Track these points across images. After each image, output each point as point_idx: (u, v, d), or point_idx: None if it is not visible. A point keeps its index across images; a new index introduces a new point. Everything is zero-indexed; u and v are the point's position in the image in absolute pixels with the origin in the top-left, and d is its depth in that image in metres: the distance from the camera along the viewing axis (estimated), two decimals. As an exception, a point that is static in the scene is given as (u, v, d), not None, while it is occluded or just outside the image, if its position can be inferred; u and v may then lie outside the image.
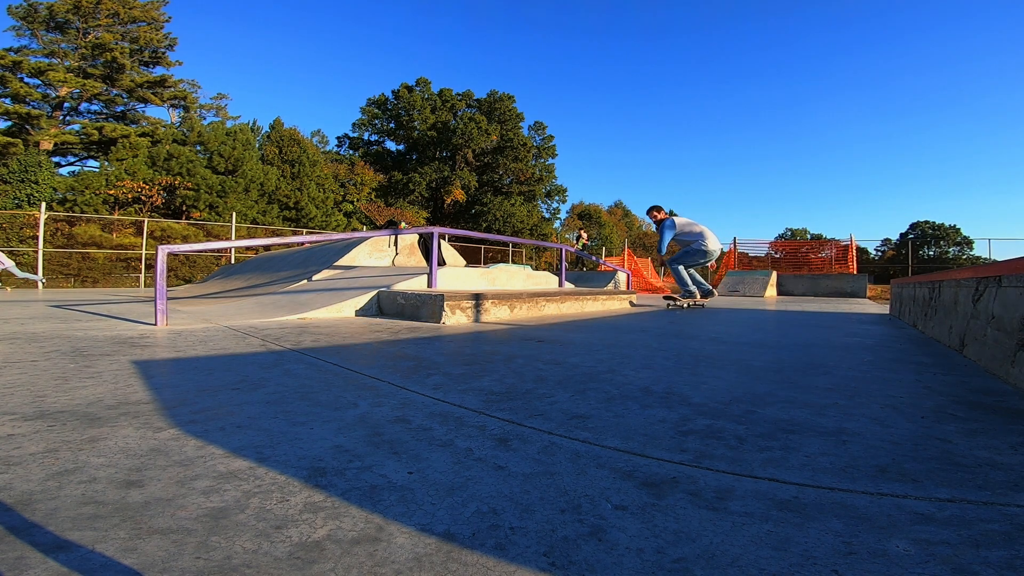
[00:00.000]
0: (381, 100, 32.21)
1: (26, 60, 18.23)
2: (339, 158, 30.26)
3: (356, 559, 0.60)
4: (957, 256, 37.89)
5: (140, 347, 2.19)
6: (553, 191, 34.41)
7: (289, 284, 5.16)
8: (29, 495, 0.75)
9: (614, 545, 0.65)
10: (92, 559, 0.59)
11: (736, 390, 1.57)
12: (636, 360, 2.10)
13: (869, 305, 8.62)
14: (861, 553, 0.64)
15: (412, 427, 1.13)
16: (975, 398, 1.51)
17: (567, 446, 1.03)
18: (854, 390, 1.60)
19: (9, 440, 0.98)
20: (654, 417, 1.25)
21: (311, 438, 1.04)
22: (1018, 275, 1.71)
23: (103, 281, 12.19)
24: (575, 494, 0.80)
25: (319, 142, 33.29)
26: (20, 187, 14.17)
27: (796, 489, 0.83)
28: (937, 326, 3.07)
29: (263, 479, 0.83)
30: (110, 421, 1.12)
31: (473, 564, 0.60)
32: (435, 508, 0.74)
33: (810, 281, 13.23)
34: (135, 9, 20.66)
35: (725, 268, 15.94)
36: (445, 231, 5.02)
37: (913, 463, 0.95)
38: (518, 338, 2.79)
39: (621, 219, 49.81)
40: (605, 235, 38.58)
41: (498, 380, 1.65)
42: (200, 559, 0.59)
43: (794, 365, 2.06)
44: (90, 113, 20.90)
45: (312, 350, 2.18)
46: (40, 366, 1.72)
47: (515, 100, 31.82)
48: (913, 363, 2.16)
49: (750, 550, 0.64)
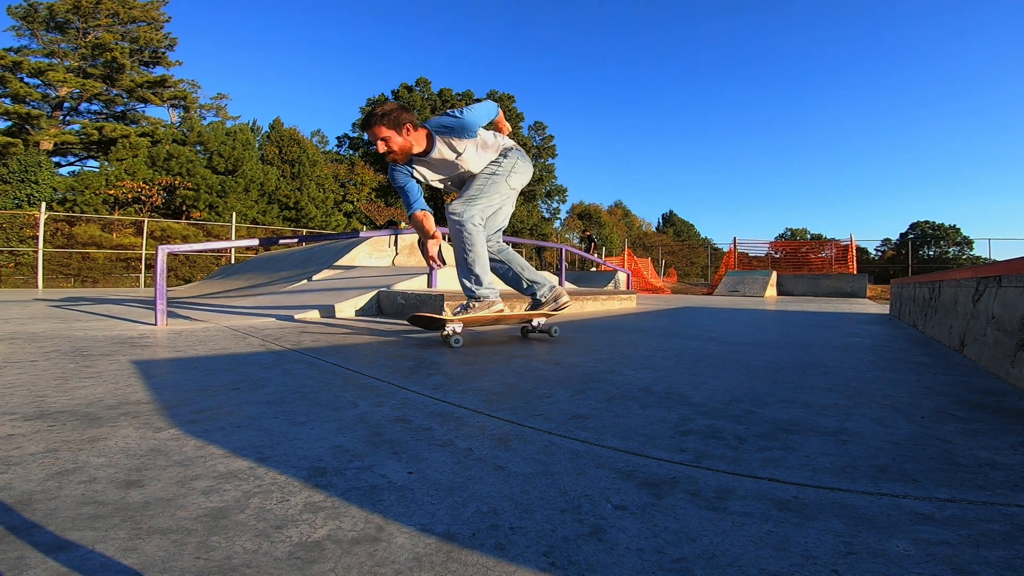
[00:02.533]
0: (381, 100, 32.22)
1: (26, 60, 18.24)
2: (339, 158, 30.27)
3: (356, 559, 0.60)
4: (957, 256, 37.89)
5: (140, 347, 2.19)
6: (553, 191, 34.45)
7: (289, 284, 5.16)
8: (29, 495, 0.75)
9: (614, 545, 0.65)
10: (92, 559, 0.59)
11: (736, 390, 1.57)
12: (636, 360, 2.10)
13: (869, 305, 8.63)
14: (861, 553, 0.64)
15: (412, 427, 1.13)
16: (975, 398, 1.51)
17: (567, 446, 1.03)
18: (854, 390, 1.60)
19: (9, 440, 0.98)
20: (654, 417, 1.25)
21: (311, 438, 1.04)
22: (1018, 275, 1.71)
23: (103, 281, 12.19)
24: (575, 494, 0.80)
25: (319, 142, 33.31)
26: (20, 187, 14.17)
27: (796, 489, 0.83)
28: (937, 326, 3.07)
29: (263, 479, 0.83)
30: (110, 421, 1.12)
31: (473, 564, 0.60)
32: (435, 508, 0.74)
33: (810, 281, 13.24)
34: (135, 9, 20.66)
35: (725, 268, 15.94)
36: (446, 231, 5.02)
37: (913, 463, 0.95)
38: (518, 338, 2.79)
39: (621, 219, 49.81)
40: (605, 235, 38.58)
41: (498, 380, 1.65)
42: (200, 559, 0.59)
43: (794, 365, 2.06)
44: (90, 113, 20.91)
45: (312, 350, 2.18)
46: (40, 366, 1.72)
47: (515, 100, 31.87)
48: (913, 363, 2.16)
49: (750, 550, 0.64)
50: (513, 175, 2.53)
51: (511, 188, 2.55)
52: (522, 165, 2.59)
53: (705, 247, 27.09)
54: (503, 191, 2.52)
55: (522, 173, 2.60)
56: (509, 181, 2.52)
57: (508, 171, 2.52)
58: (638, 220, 54.61)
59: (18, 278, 11.19)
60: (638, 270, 15.30)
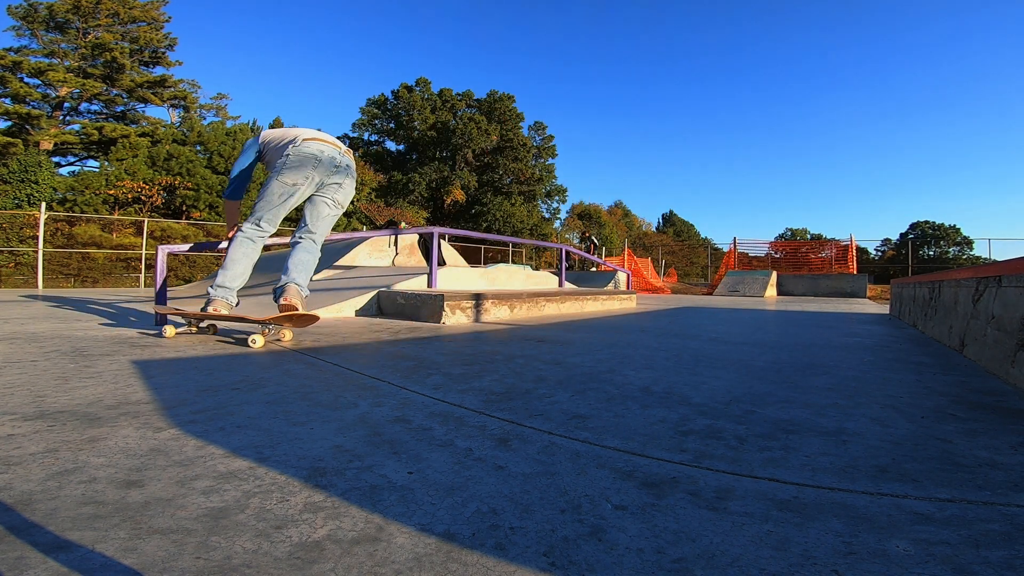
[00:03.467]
0: (381, 100, 32.21)
1: (26, 60, 18.22)
2: (339, 158, 30.18)
3: (356, 559, 0.60)
4: (957, 256, 37.87)
5: (140, 347, 2.19)
6: (553, 191, 34.40)
7: (289, 284, 5.15)
8: (29, 495, 0.75)
9: (614, 545, 0.65)
10: (92, 559, 0.59)
11: (736, 390, 1.57)
12: (636, 360, 2.10)
13: (869, 305, 8.63)
14: (861, 553, 0.64)
15: (412, 427, 1.13)
16: (975, 398, 1.51)
17: (567, 446, 1.03)
18: (854, 390, 1.60)
19: (9, 440, 0.98)
20: (654, 417, 1.25)
21: (311, 438, 1.04)
22: (1018, 275, 1.71)
23: (103, 281, 12.18)
24: (575, 494, 0.80)
25: (319, 142, 33.20)
26: (20, 187, 14.17)
27: (796, 489, 0.83)
28: (937, 326, 3.07)
29: (263, 479, 0.83)
30: (110, 421, 1.12)
31: (473, 564, 0.60)
32: (435, 508, 0.74)
33: (810, 281, 13.24)
34: (135, 9, 20.65)
35: (725, 268, 15.95)
36: (445, 231, 5.02)
37: (913, 463, 0.95)
38: (518, 338, 2.78)
39: (621, 219, 49.82)
40: (605, 235, 38.59)
41: (498, 380, 1.65)
42: (200, 559, 0.59)
43: (794, 365, 2.06)
44: (90, 113, 20.90)
45: (312, 350, 2.18)
46: (40, 366, 1.72)
47: (515, 100, 31.82)
48: (913, 363, 2.16)
49: (750, 550, 0.64)
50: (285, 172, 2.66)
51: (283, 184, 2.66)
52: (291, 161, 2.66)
53: (705, 247, 27.08)
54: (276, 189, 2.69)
55: (292, 168, 2.67)
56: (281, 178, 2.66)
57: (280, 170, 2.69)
58: (638, 220, 54.60)
59: (18, 278, 11.19)
60: (638, 270, 15.30)
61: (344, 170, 2.82)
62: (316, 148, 2.70)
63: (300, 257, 2.69)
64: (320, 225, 2.77)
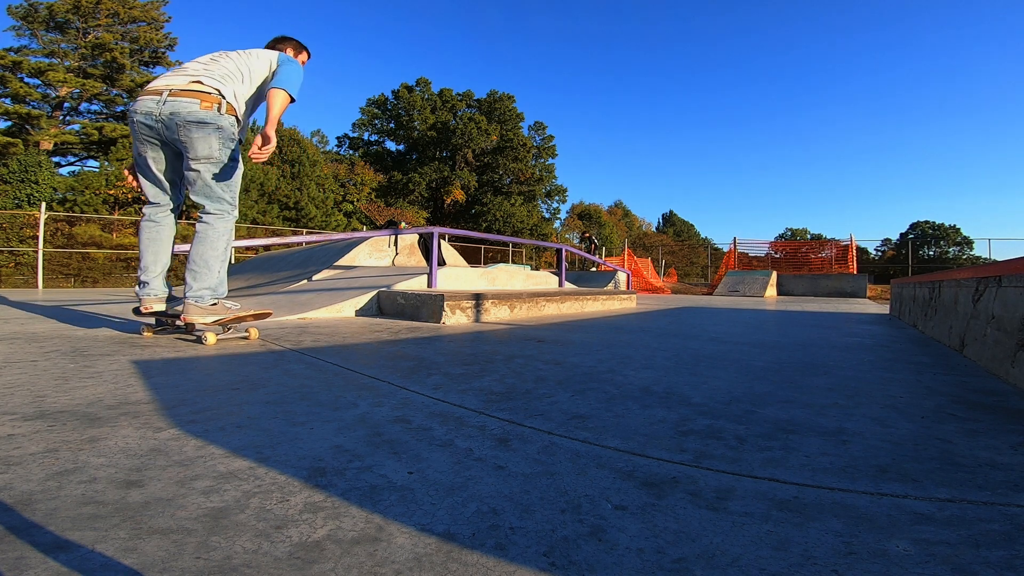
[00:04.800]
0: (381, 100, 32.21)
1: (26, 60, 18.22)
2: (339, 158, 30.27)
3: (356, 559, 0.60)
4: (957, 256, 37.86)
5: (140, 347, 2.19)
6: (553, 191, 34.41)
7: (289, 284, 5.16)
8: (29, 495, 0.75)
9: (614, 545, 0.65)
10: (92, 559, 0.59)
11: (736, 390, 1.57)
12: (636, 360, 2.10)
13: (869, 305, 8.63)
14: (861, 553, 0.64)
15: (412, 427, 1.13)
16: (975, 398, 1.51)
17: (567, 446, 1.03)
18: (854, 390, 1.60)
19: (9, 440, 0.98)
20: (654, 417, 1.25)
21: (311, 438, 1.04)
22: (1018, 275, 1.71)
23: (103, 281, 12.18)
24: (575, 494, 0.80)
25: (319, 142, 33.31)
26: (20, 187, 14.17)
27: (796, 489, 0.83)
28: (937, 326, 3.07)
29: (263, 479, 0.83)
30: (110, 421, 1.12)
31: (473, 564, 0.60)
32: (435, 508, 0.74)
33: (810, 281, 13.24)
34: (135, 9, 20.64)
35: (725, 268, 15.95)
36: (445, 231, 5.02)
37: (913, 463, 0.95)
38: (518, 338, 2.78)
39: (621, 219, 49.81)
40: (605, 235, 38.59)
41: (498, 380, 1.65)
42: (200, 559, 0.59)
43: (794, 365, 2.06)
44: (90, 113, 20.89)
45: (312, 350, 2.18)
46: (40, 366, 1.72)
47: (515, 100, 31.83)
48: (913, 363, 2.16)
49: (750, 550, 0.64)
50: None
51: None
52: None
53: (705, 247, 27.07)
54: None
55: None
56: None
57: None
58: (638, 220, 54.62)
59: (18, 278, 11.19)
60: (638, 270, 15.29)
61: (170, 122, 2.10)
62: (132, 108, 2.14)
63: (193, 254, 2.26)
64: (198, 194, 2.23)
